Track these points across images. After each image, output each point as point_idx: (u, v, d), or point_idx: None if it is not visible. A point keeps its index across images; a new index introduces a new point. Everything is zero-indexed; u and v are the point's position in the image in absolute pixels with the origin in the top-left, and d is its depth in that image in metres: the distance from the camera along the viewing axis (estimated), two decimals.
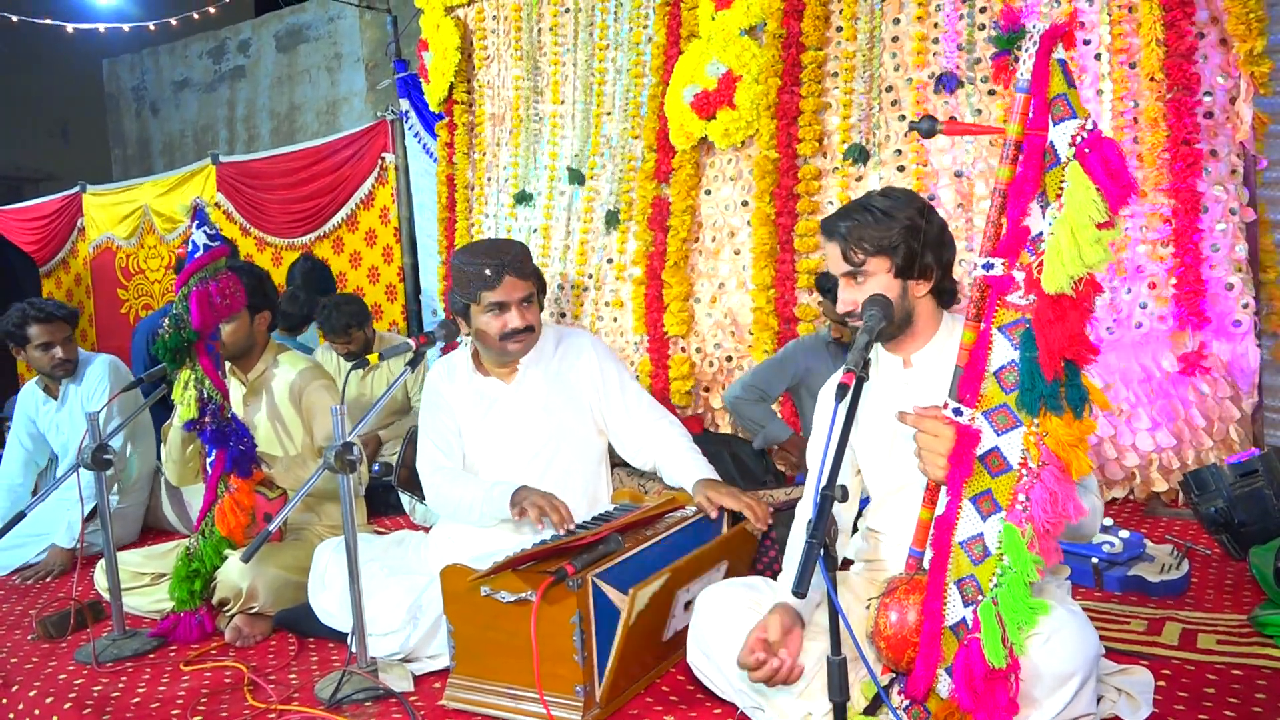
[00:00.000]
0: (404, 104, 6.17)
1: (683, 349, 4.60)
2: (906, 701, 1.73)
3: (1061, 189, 1.54)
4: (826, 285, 3.54)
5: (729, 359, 4.48)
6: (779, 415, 3.77)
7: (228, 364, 3.23)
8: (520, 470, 2.69)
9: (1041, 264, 1.57)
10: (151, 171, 9.55)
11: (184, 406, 2.80)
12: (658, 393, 4.58)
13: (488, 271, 2.57)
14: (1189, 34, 3.37)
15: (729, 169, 4.47)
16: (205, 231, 2.81)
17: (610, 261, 4.88)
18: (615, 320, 4.88)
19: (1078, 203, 1.50)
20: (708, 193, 4.54)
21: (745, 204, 4.39)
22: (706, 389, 4.57)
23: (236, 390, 3.23)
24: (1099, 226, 1.48)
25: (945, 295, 2.02)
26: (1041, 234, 1.59)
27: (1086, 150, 1.51)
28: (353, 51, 8.54)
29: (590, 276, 4.96)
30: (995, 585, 1.62)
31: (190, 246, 2.81)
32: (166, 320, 2.81)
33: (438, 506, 2.74)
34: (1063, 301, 1.54)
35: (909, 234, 1.95)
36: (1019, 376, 1.61)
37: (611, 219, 4.83)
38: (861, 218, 1.98)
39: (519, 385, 2.73)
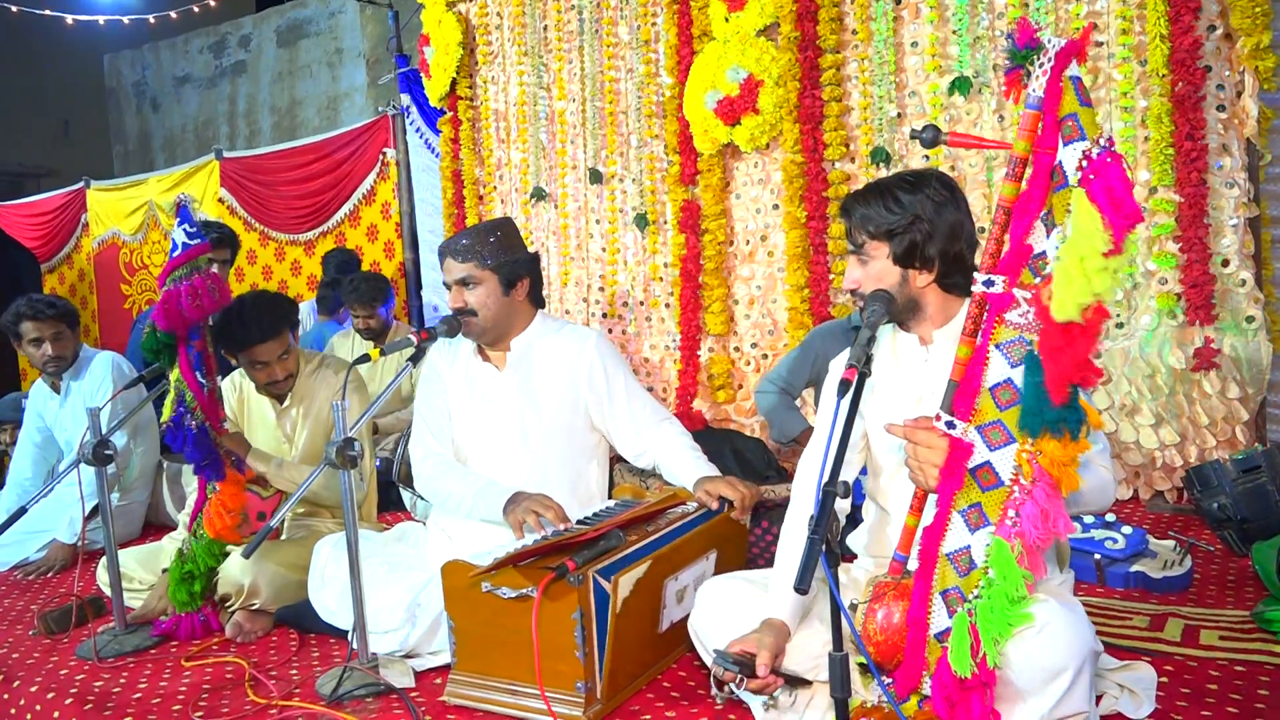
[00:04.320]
0: (405, 99, 6.17)
1: (722, 347, 4.70)
2: (889, 680, 1.75)
3: (1069, 212, 1.52)
4: None
5: (765, 356, 4.57)
6: (799, 409, 3.74)
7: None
8: (504, 458, 2.69)
9: (1046, 285, 1.56)
10: (152, 167, 9.56)
11: (165, 407, 2.78)
12: (684, 390, 4.70)
13: (439, 252, 2.71)
14: (1194, 29, 3.36)
15: (756, 172, 4.52)
16: (185, 229, 2.72)
17: (646, 264, 4.94)
18: (649, 320, 4.97)
19: (1083, 231, 1.47)
20: (737, 196, 4.59)
21: (776, 207, 4.45)
22: (740, 386, 4.66)
23: (271, 407, 3.24)
24: (1105, 255, 1.46)
25: (954, 287, 2.01)
26: (1045, 253, 1.58)
27: (1091, 177, 1.49)
28: (353, 46, 8.54)
29: (629, 279, 5.01)
30: (976, 596, 1.62)
31: (171, 244, 2.75)
32: (148, 321, 2.79)
33: (426, 494, 2.76)
34: (1071, 329, 1.53)
35: (914, 225, 1.94)
36: (1024, 400, 1.60)
37: (642, 221, 4.88)
38: (874, 202, 1.98)
39: (508, 373, 2.74)
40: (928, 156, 4.00)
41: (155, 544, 3.30)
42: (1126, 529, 2.82)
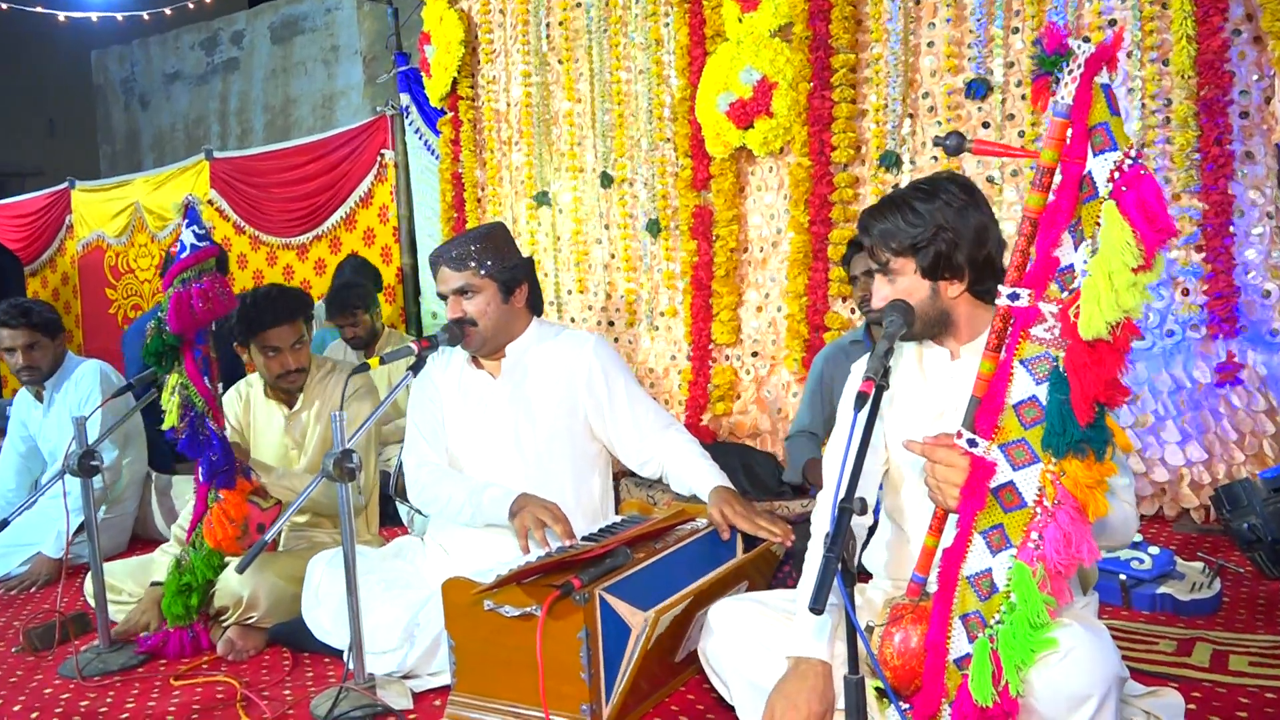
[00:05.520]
0: (404, 99, 6.20)
1: (727, 357, 4.69)
2: (907, 706, 1.75)
3: (1098, 225, 1.52)
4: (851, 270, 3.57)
5: (764, 367, 4.57)
6: (814, 445, 3.71)
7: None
8: (499, 468, 2.69)
9: (1072, 300, 1.55)
10: (141, 167, 9.59)
11: (168, 413, 2.80)
12: (694, 401, 4.71)
13: (431, 261, 2.70)
14: (1221, 31, 3.37)
15: (770, 177, 4.53)
16: (194, 231, 2.76)
17: (660, 271, 4.95)
18: (670, 329, 4.96)
19: (1113, 245, 1.47)
20: (751, 202, 4.60)
21: (789, 213, 4.45)
22: (739, 395, 4.65)
23: (279, 412, 3.27)
24: (1135, 270, 1.46)
25: (987, 295, 2.01)
26: (1072, 266, 1.57)
27: (1124, 188, 1.48)
28: (350, 44, 8.58)
29: (640, 285, 5.02)
30: (997, 622, 1.61)
31: (178, 246, 2.78)
32: (152, 322, 2.81)
33: (421, 503, 2.77)
34: (1099, 346, 1.52)
35: (938, 235, 1.93)
36: (1048, 419, 1.60)
37: (654, 227, 4.90)
38: (891, 216, 1.97)
39: (501, 380, 2.75)
40: (936, 158, 4.02)
41: (147, 556, 3.31)
42: (1154, 549, 2.82)
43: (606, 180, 5.05)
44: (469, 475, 2.73)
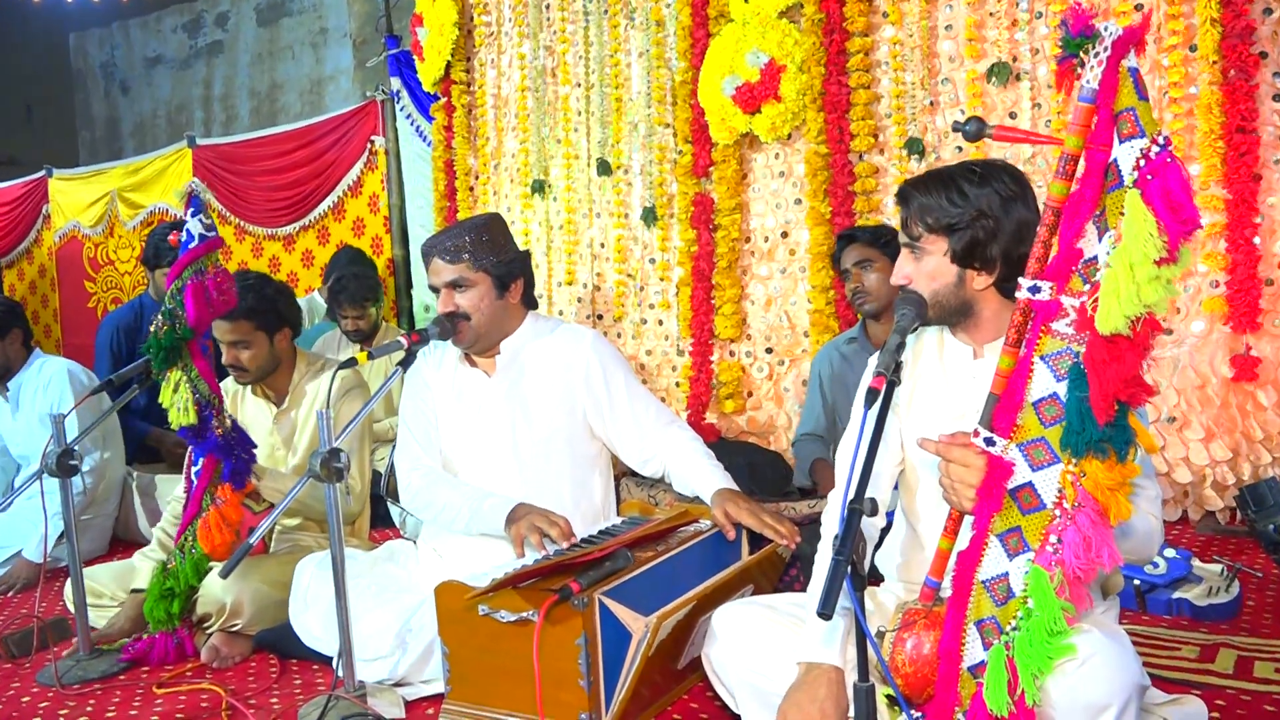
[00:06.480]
0: (395, 83, 6.19)
1: (732, 353, 4.68)
2: (919, 714, 1.75)
3: (1122, 214, 1.51)
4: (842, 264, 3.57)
5: (781, 363, 4.56)
6: (821, 446, 3.72)
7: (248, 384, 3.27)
8: (495, 471, 2.70)
9: (1095, 298, 1.54)
10: (121, 155, 9.58)
11: (176, 411, 2.79)
12: (695, 398, 4.70)
13: (424, 252, 2.70)
14: (1247, 11, 3.37)
15: (776, 164, 4.52)
16: (201, 220, 2.77)
17: (653, 261, 4.94)
18: (661, 323, 4.96)
19: (1136, 235, 1.46)
20: (755, 190, 4.59)
21: (799, 202, 4.44)
22: (750, 393, 4.64)
23: (267, 410, 3.27)
24: (1158, 263, 1.45)
25: (1014, 293, 2.00)
26: (1096, 258, 1.56)
27: (1149, 177, 1.47)
28: (339, 26, 8.56)
29: (631, 277, 5.01)
30: (1013, 628, 1.61)
31: (185, 236, 2.77)
32: (159, 316, 2.79)
33: (415, 508, 2.77)
34: (1119, 342, 1.51)
35: (978, 221, 1.92)
36: (1067, 417, 1.59)
37: (649, 215, 4.89)
38: (936, 192, 1.96)
39: (497, 378, 2.75)
40: (961, 148, 4.01)
41: (129, 560, 3.31)
42: (1169, 552, 2.81)
43: (604, 168, 5.04)
44: (464, 479, 2.73)
